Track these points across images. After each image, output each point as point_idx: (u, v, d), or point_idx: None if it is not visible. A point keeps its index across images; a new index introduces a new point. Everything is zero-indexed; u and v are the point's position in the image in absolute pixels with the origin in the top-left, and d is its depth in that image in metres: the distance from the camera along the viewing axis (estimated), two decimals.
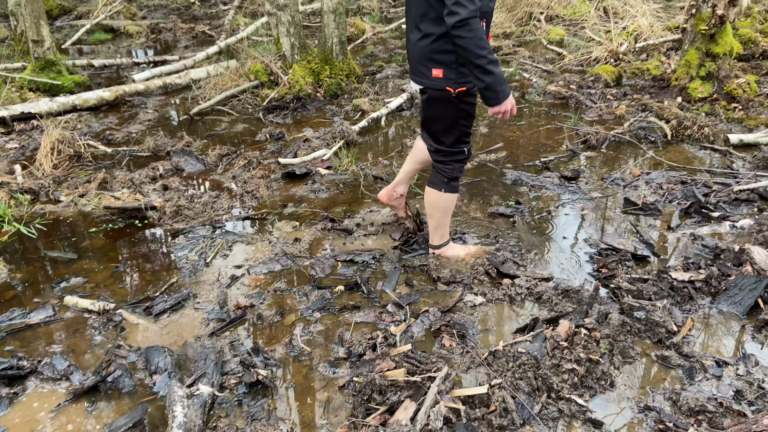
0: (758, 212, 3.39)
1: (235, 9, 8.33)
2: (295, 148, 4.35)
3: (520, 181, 3.87)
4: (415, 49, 2.52)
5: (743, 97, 4.84)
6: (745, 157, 4.05)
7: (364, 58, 6.52)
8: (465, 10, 2.21)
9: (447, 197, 2.79)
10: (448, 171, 2.74)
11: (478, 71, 2.31)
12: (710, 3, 4.77)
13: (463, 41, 2.26)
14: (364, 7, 8.52)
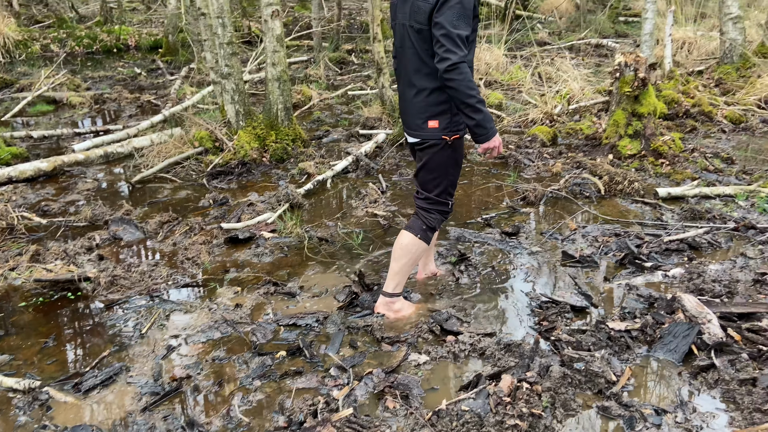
0: (688, 261, 3.53)
1: (181, 79, 8.41)
2: (239, 213, 4.32)
3: (463, 238, 3.93)
4: (411, 105, 2.71)
5: (669, 153, 5.12)
6: (673, 209, 4.24)
7: (311, 123, 6.63)
8: (455, 56, 2.42)
9: (419, 244, 2.88)
10: (429, 219, 2.87)
11: (469, 110, 2.51)
12: (632, 67, 5.10)
13: (454, 83, 2.45)
14: (311, 75, 8.74)
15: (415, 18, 2.55)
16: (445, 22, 2.43)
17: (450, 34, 2.43)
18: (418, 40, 2.58)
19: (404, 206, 4.48)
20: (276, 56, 5.28)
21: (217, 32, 5.10)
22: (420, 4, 2.52)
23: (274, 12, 5.15)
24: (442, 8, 2.44)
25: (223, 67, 5.22)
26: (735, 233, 3.84)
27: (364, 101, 7.25)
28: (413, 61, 2.63)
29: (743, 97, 6.69)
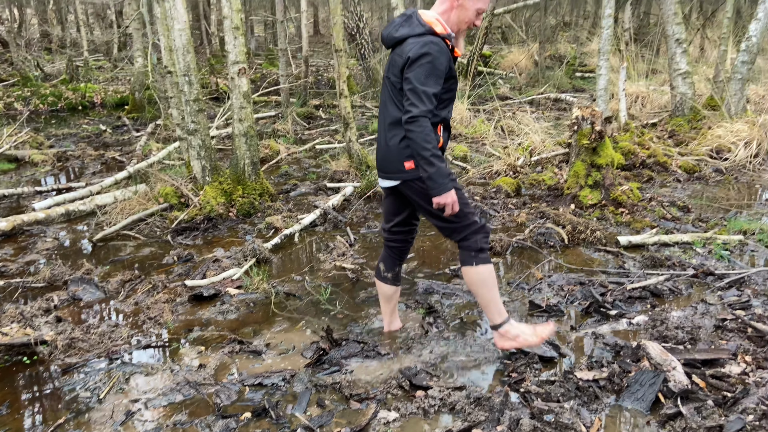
0: (651, 308, 3.59)
1: (147, 135, 8.39)
2: (204, 269, 4.26)
3: (431, 289, 3.93)
4: (388, 150, 2.76)
5: (628, 203, 5.28)
6: (635, 257, 4.34)
7: (279, 177, 6.65)
8: (416, 109, 2.52)
9: (482, 269, 2.83)
10: (471, 245, 2.82)
11: (423, 162, 2.57)
12: (589, 121, 5.30)
13: (412, 134, 2.55)
14: (279, 130, 8.83)
15: (392, 70, 2.69)
16: (413, 79, 2.54)
17: (416, 90, 2.53)
18: (393, 91, 2.70)
19: (372, 258, 4.48)
20: (243, 112, 5.34)
21: (184, 90, 5.15)
22: (396, 58, 2.66)
23: (240, 70, 5.23)
24: (412, 65, 2.55)
25: (190, 124, 5.24)
26: (694, 280, 3.93)
27: (332, 155, 7.33)
28: (390, 110, 2.73)
29: (696, 147, 6.99)
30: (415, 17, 2.66)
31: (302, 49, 10.11)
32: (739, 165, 6.47)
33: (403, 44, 2.63)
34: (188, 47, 5.06)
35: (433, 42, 2.56)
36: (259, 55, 17.91)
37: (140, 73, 9.83)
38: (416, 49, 2.54)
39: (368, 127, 8.98)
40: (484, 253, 2.84)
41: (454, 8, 2.68)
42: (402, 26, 2.68)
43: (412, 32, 2.62)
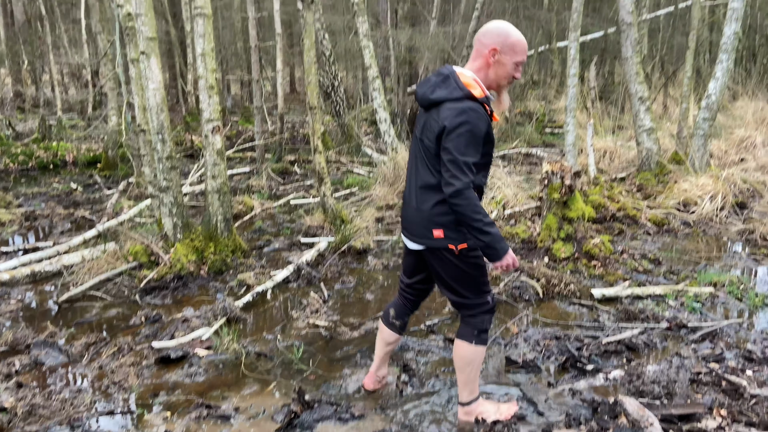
0: (627, 362, 3.57)
1: (119, 193, 8.31)
2: (173, 330, 4.13)
3: (406, 346, 3.87)
4: (416, 213, 2.68)
5: (600, 255, 5.33)
6: (609, 310, 4.35)
7: (252, 233, 6.60)
8: (459, 182, 2.44)
9: (477, 350, 2.80)
10: (477, 323, 2.78)
11: (476, 233, 2.50)
12: (559, 175, 5.41)
13: (460, 208, 2.47)
14: (254, 185, 8.83)
15: (426, 134, 2.60)
16: (453, 149, 2.44)
17: (456, 161, 2.44)
18: (427, 155, 2.60)
19: (347, 315, 4.41)
20: (216, 169, 5.33)
21: (157, 147, 5.14)
22: (432, 123, 2.56)
23: (214, 128, 5.26)
24: (450, 134, 2.45)
25: (162, 181, 5.21)
26: (668, 332, 3.94)
27: (307, 210, 7.32)
28: (422, 172, 2.66)
29: (663, 201, 7.15)
30: (452, 78, 2.55)
31: (278, 107, 10.25)
32: (706, 218, 6.63)
33: (439, 108, 2.53)
34: (162, 106, 5.08)
35: (472, 108, 2.46)
36: (235, 112, 18.09)
37: (114, 131, 9.82)
38: (453, 117, 2.45)
39: (343, 182, 9.03)
40: (485, 334, 2.81)
41: (490, 66, 2.58)
42: (439, 87, 2.57)
43: (449, 96, 2.51)
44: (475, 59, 2.62)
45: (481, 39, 2.60)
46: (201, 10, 5.03)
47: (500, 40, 2.55)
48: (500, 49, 2.55)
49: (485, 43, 2.58)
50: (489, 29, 2.59)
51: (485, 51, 2.57)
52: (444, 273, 2.72)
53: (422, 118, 2.67)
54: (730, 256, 5.56)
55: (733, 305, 4.39)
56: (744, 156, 9.49)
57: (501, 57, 2.56)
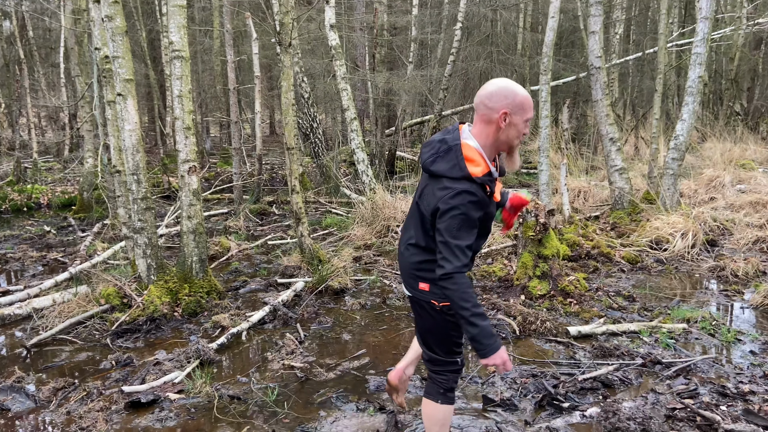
0: (603, 399, 3.57)
1: (93, 235, 8.21)
2: (144, 374, 4.04)
3: (383, 386, 3.82)
4: (406, 263, 2.63)
5: (576, 293, 5.38)
6: (585, 347, 4.36)
7: (228, 275, 6.54)
8: (450, 266, 2.30)
9: (444, 409, 2.71)
10: (443, 381, 2.71)
11: (463, 322, 2.34)
12: (533, 213, 5.49)
13: (449, 292, 2.32)
14: (231, 226, 8.79)
15: (423, 201, 2.49)
16: (445, 231, 2.33)
17: (448, 244, 2.32)
18: (422, 218, 2.51)
19: (323, 356, 4.36)
20: (192, 209, 5.31)
21: (132, 188, 5.12)
22: (429, 194, 2.44)
23: (191, 168, 5.27)
24: (444, 216, 2.33)
25: (136, 222, 5.17)
26: (643, 369, 3.96)
27: (284, 250, 7.30)
28: (415, 230, 2.57)
29: (636, 239, 7.28)
30: (455, 153, 2.39)
31: (256, 148, 10.30)
32: (678, 255, 6.74)
33: (437, 180, 2.41)
34: (138, 147, 5.09)
35: (468, 191, 2.32)
36: (214, 154, 18.13)
37: (90, 173, 9.76)
38: (448, 199, 2.32)
39: (321, 222, 9.04)
40: (452, 393, 2.74)
41: (502, 128, 2.39)
42: (440, 159, 2.42)
43: (448, 173, 2.37)
44: (485, 124, 2.42)
45: (487, 104, 2.40)
46: (179, 53, 5.11)
47: (509, 101, 2.37)
48: (510, 111, 2.37)
49: (494, 108, 2.38)
50: (494, 92, 2.39)
51: (496, 116, 2.38)
52: (422, 323, 2.68)
53: (424, 181, 2.56)
54: (702, 292, 5.64)
55: (706, 341, 4.44)
56: (713, 195, 9.73)
57: (512, 119, 2.39)
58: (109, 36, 4.99)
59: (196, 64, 20.83)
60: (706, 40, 7.99)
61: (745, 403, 3.45)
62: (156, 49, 18.56)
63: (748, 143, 14.79)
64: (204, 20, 18.23)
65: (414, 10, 13.89)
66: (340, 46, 9.30)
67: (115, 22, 4.96)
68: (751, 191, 9.27)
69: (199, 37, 18.27)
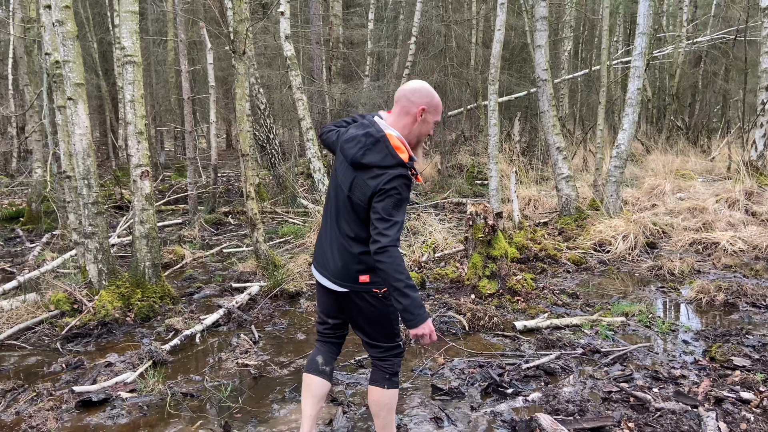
0: (545, 385, 3.75)
1: (42, 245, 8.03)
2: (95, 375, 4.02)
3: (336, 380, 3.91)
4: (341, 259, 2.67)
5: (523, 291, 5.59)
6: (530, 340, 4.56)
7: (182, 282, 6.51)
8: (386, 239, 2.45)
9: (390, 393, 2.79)
10: (387, 367, 2.80)
11: (396, 293, 2.46)
12: (482, 216, 5.70)
13: (383, 265, 2.45)
14: (186, 236, 8.73)
15: (356, 193, 2.60)
16: (382, 210, 2.49)
17: (385, 220, 2.48)
18: (354, 210, 2.62)
19: (278, 354, 4.42)
20: (144, 214, 5.31)
21: (83, 193, 5.09)
22: (362, 185, 2.58)
23: (143, 172, 5.28)
24: (381, 196, 2.51)
25: (87, 227, 5.14)
26: (583, 357, 4.17)
27: (240, 258, 7.31)
28: (350, 225, 2.65)
29: (582, 242, 7.59)
30: (384, 144, 2.58)
31: (211, 158, 10.28)
32: (620, 257, 7.07)
33: (370, 170, 2.57)
34: (89, 151, 5.08)
35: (402, 175, 2.54)
36: (168, 167, 17.91)
37: (38, 184, 9.55)
38: (386, 182, 2.51)
39: (278, 231, 9.07)
40: (396, 377, 2.82)
41: (417, 122, 2.65)
42: (370, 151, 2.59)
43: (381, 163, 2.55)
44: (402, 116, 2.66)
45: (409, 97, 2.64)
46: (131, 57, 5.14)
47: (428, 100, 2.64)
48: (427, 108, 2.64)
49: (415, 102, 2.63)
50: (417, 89, 2.66)
51: (415, 109, 2.63)
52: (361, 314, 2.74)
53: (347, 174, 2.67)
54: (641, 289, 5.94)
55: (643, 332, 4.70)
56: (655, 202, 10.21)
57: (427, 116, 2.66)
58: (60, 40, 4.99)
59: (150, 76, 20.59)
60: (643, 54, 8.45)
61: (676, 386, 3.68)
62: (108, 60, 18.28)
63: (689, 155, 15.54)
64: (158, 31, 18.10)
65: (370, 25, 14.17)
66: (295, 56, 9.43)
67: (65, 27, 4.96)
68: (690, 198, 9.77)
69: (153, 48, 18.12)
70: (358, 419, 3.38)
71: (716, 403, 3.36)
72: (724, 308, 5.26)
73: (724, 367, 3.89)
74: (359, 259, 2.63)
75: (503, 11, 7.34)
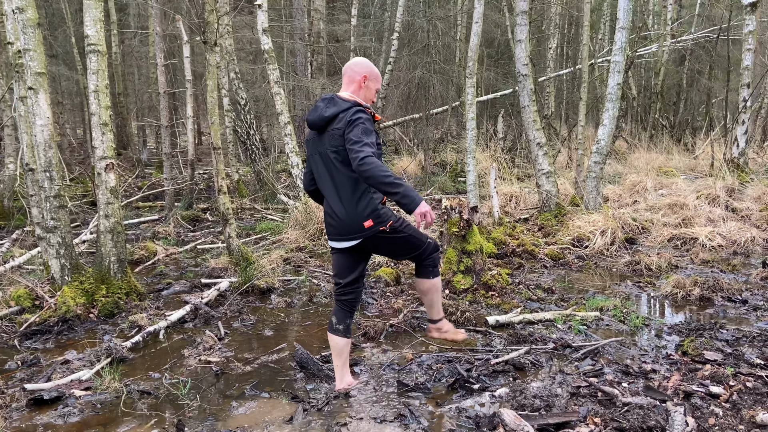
0: (513, 381, 3.66)
1: (11, 242, 7.84)
2: (50, 372, 3.88)
3: (300, 377, 3.80)
4: (345, 216, 3.20)
5: (498, 286, 5.50)
6: (501, 335, 4.47)
7: (153, 278, 6.36)
8: (363, 153, 2.94)
9: (435, 280, 3.54)
10: (429, 262, 3.47)
11: (389, 187, 2.93)
12: (457, 210, 5.61)
13: (368, 172, 2.91)
14: (160, 232, 8.57)
15: (332, 144, 3.16)
16: (353, 135, 3.02)
17: (358, 141, 2.99)
18: (338, 161, 3.16)
19: (242, 351, 4.30)
20: (109, 208, 5.17)
21: (44, 186, 4.94)
22: (334, 132, 3.14)
23: (108, 165, 5.13)
24: (350, 127, 3.06)
25: (49, 221, 4.98)
26: (555, 352, 4.09)
27: (214, 254, 7.17)
28: (338, 180, 3.20)
29: (560, 238, 7.52)
30: (336, 98, 3.23)
31: (188, 153, 10.12)
32: (598, 252, 7.01)
33: (335, 120, 3.15)
34: (50, 143, 4.92)
35: (360, 109, 3.13)
36: (150, 165, 17.68)
37: (11, 179, 9.34)
38: (350, 117, 3.08)
39: (256, 228, 8.93)
40: (438, 268, 3.53)
41: (361, 88, 3.31)
42: (329, 107, 3.20)
43: (340, 108, 3.15)
44: (349, 84, 3.35)
45: (354, 68, 3.35)
46: (95, 46, 4.99)
47: (368, 70, 3.34)
48: (369, 77, 3.34)
49: (358, 71, 3.33)
50: (359, 62, 3.37)
51: (359, 77, 3.33)
52: (386, 248, 3.39)
53: (322, 139, 3.23)
54: (617, 284, 5.87)
55: (615, 326, 4.62)
56: (637, 199, 10.18)
57: (369, 83, 3.35)
58: (21, 28, 4.83)
59: (132, 72, 20.34)
60: (623, 49, 8.40)
61: (647, 381, 3.60)
62: None
63: (673, 153, 15.58)
64: (140, 26, 17.87)
65: (353, 20, 14.05)
66: (273, 50, 9.29)
67: (26, 14, 4.81)
68: (671, 195, 9.74)
69: (136, 44, 17.89)
70: (318, 416, 3.27)
71: (685, 398, 3.28)
72: (700, 303, 5.21)
73: (695, 361, 3.82)
74: (359, 207, 3.16)
75: (481, 4, 7.26)
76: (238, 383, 3.77)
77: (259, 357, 4.18)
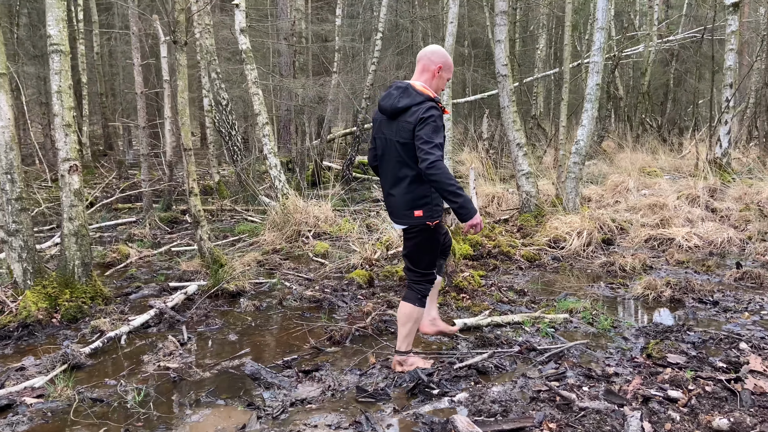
0: (474, 385, 3.61)
1: None
2: (4, 379, 3.79)
3: (256, 385, 3.73)
4: (399, 200, 3.43)
5: (469, 288, 5.46)
6: (468, 338, 4.42)
7: (123, 281, 6.27)
8: (433, 156, 3.14)
9: (419, 310, 3.64)
10: (421, 289, 3.63)
11: (451, 196, 3.17)
12: None
13: (436, 176, 3.14)
14: (136, 234, 8.47)
15: (401, 134, 3.32)
16: (424, 135, 3.17)
17: (428, 142, 3.15)
18: (402, 151, 3.33)
19: (203, 356, 4.23)
20: (73, 210, 5.08)
21: (5, 188, 4.85)
22: (404, 125, 3.30)
23: (71, 167, 5.04)
24: (421, 125, 3.20)
25: (11, 224, 4.89)
26: (519, 356, 4.04)
27: (188, 257, 7.09)
28: (399, 167, 3.38)
29: (538, 239, 7.49)
30: (410, 89, 3.34)
31: (166, 154, 10.03)
32: (574, 253, 6.98)
33: (407, 112, 3.28)
34: (12, 144, 4.83)
35: (433, 106, 3.26)
36: (137, 166, 17.52)
37: None
38: (422, 113, 3.21)
39: (234, 229, 8.85)
40: (425, 299, 3.65)
41: (434, 77, 3.43)
42: (402, 97, 3.32)
43: (413, 102, 3.28)
44: (423, 73, 3.45)
45: (430, 57, 3.44)
46: (57, 46, 4.90)
47: (444, 60, 3.45)
48: (444, 66, 3.45)
49: (434, 61, 3.43)
50: (436, 51, 3.48)
51: (434, 67, 3.43)
52: (415, 244, 3.54)
53: (391, 125, 3.39)
54: (590, 286, 5.84)
55: (583, 329, 4.58)
56: (618, 199, 10.16)
57: (443, 73, 3.46)
58: None
59: (117, 73, 20.20)
60: (602, 49, 8.38)
61: (608, 384, 3.56)
62: (74, 57, 17.86)
63: (659, 153, 15.59)
64: (125, 27, 17.71)
65: (338, 20, 13.97)
66: (251, 50, 9.22)
67: None
68: (652, 195, 9.73)
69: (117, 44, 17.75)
70: (272, 424, 3.20)
71: (644, 402, 3.23)
72: (671, 304, 5.17)
73: (657, 364, 3.78)
74: (413, 195, 3.35)
75: (456, 4, 7.22)
76: (194, 390, 3.69)
77: (219, 363, 4.10)
